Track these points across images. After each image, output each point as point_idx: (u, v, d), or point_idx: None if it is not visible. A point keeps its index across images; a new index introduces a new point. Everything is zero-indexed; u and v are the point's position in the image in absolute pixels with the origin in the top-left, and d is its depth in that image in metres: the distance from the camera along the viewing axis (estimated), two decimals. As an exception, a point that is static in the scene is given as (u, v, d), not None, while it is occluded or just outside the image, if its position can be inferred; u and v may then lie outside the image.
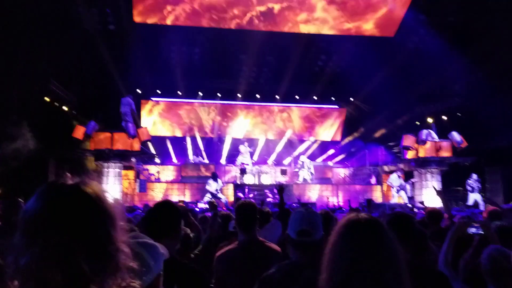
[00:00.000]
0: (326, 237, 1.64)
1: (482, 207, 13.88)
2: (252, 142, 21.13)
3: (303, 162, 19.75)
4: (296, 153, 21.13)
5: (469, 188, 15.99)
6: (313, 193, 18.64)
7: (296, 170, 20.07)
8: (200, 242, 4.66)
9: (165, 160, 21.34)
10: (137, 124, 17.02)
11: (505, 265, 2.74)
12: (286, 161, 21.67)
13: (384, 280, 1.43)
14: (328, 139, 24.45)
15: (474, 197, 15.84)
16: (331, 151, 22.52)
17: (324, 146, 22.87)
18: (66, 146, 15.62)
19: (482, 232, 3.47)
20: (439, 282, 2.72)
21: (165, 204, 2.76)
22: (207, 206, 11.75)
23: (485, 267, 2.87)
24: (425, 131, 17.19)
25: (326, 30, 19.84)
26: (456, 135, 16.83)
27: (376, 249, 1.48)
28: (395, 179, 17.15)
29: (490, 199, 14.07)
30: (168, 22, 18.90)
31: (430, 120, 18.81)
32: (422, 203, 13.29)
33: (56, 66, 16.41)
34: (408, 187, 17.47)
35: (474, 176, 16.04)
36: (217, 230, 4.89)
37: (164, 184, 18.35)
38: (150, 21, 18.85)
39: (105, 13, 18.03)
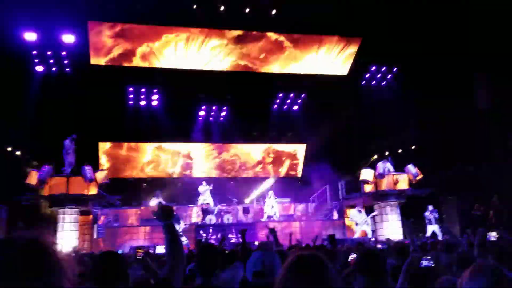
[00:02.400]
0: None
1: (440, 238, 14.16)
2: (212, 182, 20.99)
3: (269, 198, 19.70)
4: (258, 191, 21.02)
5: (426, 220, 16.33)
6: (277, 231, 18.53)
7: (262, 206, 20.00)
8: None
9: (126, 203, 20.84)
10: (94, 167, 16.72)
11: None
12: (249, 199, 21.63)
13: None
14: (291, 175, 24.64)
15: (432, 228, 16.18)
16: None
17: (286, 183, 22.98)
18: (20, 192, 15.12)
19: (433, 265, 3.57)
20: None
21: (109, 254, 2.71)
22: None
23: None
24: (381, 165, 17.59)
25: (284, 69, 20.33)
26: (411, 168, 17.32)
27: (318, 284, 1.57)
28: (356, 214, 17.34)
29: (447, 230, 14.41)
30: (125, 63, 18.96)
31: (386, 153, 19.30)
32: (388, 239, 13.41)
33: (9, 109, 16.05)
34: (369, 220, 17.69)
35: (430, 207, 16.42)
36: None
37: (124, 228, 17.91)
38: (106, 62, 18.82)
39: (60, 55, 17.90)
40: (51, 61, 17.98)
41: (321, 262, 1.67)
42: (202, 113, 21.83)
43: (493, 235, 7.77)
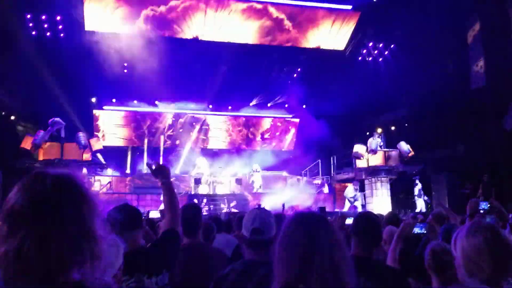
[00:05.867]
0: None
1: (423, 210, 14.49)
2: (207, 152, 21.07)
3: (255, 169, 19.79)
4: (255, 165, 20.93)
5: (416, 194, 16.64)
6: (267, 202, 18.72)
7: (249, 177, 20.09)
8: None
9: (119, 170, 20.96)
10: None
11: (445, 258, 2.92)
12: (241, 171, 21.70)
13: (335, 264, 1.54)
14: (282, 148, 24.77)
15: (420, 203, 16.55)
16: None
17: (277, 156, 23.10)
18: (14, 156, 15.09)
19: (425, 231, 3.69)
20: (397, 277, 2.86)
21: (127, 205, 2.94)
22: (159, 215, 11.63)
23: (428, 262, 3.05)
24: (373, 140, 17.69)
25: (281, 41, 20.16)
26: (404, 145, 17.44)
27: (325, 237, 1.60)
28: (350, 191, 17.49)
29: (439, 203, 14.63)
30: (122, 31, 18.69)
31: (379, 130, 19.38)
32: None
33: (3, 74, 15.89)
34: (359, 196, 17.91)
35: (417, 180, 16.81)
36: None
37: (116, 195, 18.00)
38: (102, 29, 18.56)
39: (55, 20, 17.64)
40: (45, 25, 17.69)
41: (323, 217, 1.71)
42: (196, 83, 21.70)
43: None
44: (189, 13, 18.69)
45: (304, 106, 23.45)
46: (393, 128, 20.59)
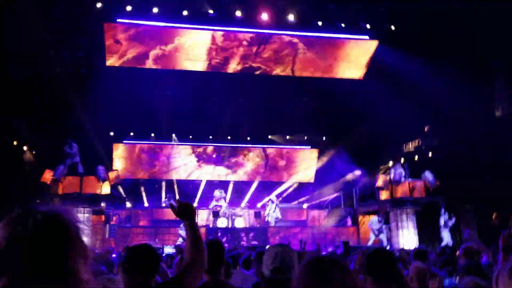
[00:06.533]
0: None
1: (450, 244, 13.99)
2: (225, 185, 20.90)
3: (270, 202, 19.47)
4: (272, 195, 20.65)
5: (441, 226, 16.10)
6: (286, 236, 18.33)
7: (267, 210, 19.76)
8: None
9: (138, 204, 20.89)
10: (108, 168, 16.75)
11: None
12: (260, 203, 21.41)
13: None
14: (304, 180, 24.35)
15: (446, 235, 15.99)
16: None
17: (297, 188, 22.78)
18: (33, 190, 15.19)
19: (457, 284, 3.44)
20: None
21: (146, 246, 2.73)
22: (174, 250, 11.40)
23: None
24: (395, 171, 17.30)
25: (297, 72, 20.08)
26: (429, 175, 16.99)
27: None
28: (375, 222, 17.03)
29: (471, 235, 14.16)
30: (139, 65, 18.92)
31: (402, 160, 18.99)
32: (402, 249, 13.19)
33: (23, 108, 16.12)
34: (384, 228, 17.42)
35: (442, 210, 16.33)
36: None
37: (135, 229, 17.87)
38: (122, 64, 18.80)
39: (76, 56, 17.94)
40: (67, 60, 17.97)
41: (343, 266, 1.60)
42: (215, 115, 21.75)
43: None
44: (198, 48, 18.81)
45: (324, 138, 23.21)
46: (417, 157, 20.14)
